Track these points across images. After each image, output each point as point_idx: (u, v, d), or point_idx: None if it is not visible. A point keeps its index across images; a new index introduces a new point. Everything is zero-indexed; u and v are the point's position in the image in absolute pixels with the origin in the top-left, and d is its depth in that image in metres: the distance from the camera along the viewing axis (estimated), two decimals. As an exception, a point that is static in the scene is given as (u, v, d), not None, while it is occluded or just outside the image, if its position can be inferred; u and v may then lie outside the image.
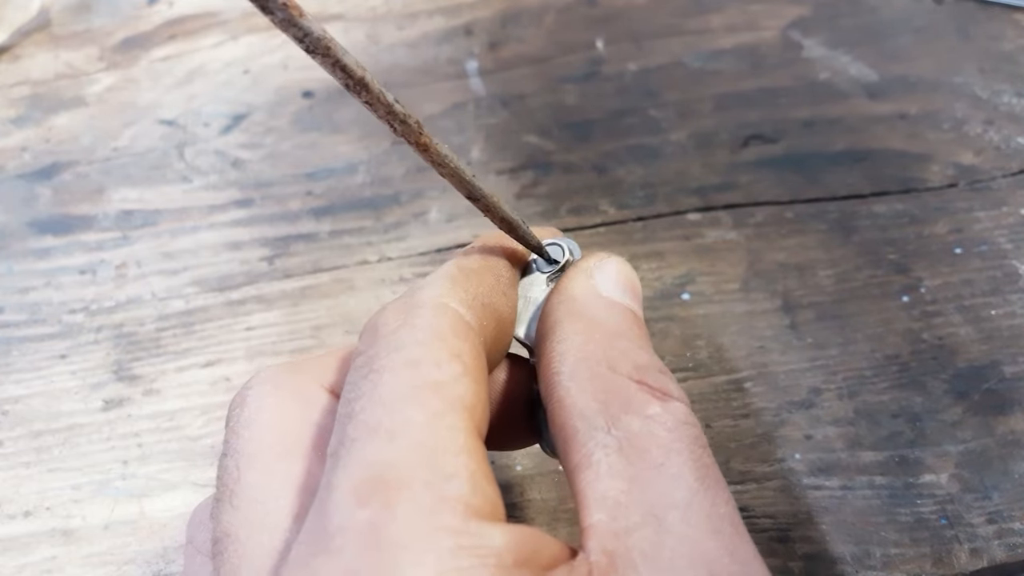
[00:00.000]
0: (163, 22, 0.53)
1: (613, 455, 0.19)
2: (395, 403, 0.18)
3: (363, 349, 0.20)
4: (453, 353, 0.19)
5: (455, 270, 0.22)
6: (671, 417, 0.19)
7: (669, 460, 0.19)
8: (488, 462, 0.18)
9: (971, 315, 0.35)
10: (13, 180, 0.45)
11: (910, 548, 0.29)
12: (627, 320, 0.22)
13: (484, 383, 0.20)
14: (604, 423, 0.19)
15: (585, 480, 0.19)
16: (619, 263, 0.24)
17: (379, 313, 0.21)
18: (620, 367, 0.20)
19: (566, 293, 0.23)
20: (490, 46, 0.50)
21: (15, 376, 0.37)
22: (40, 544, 0.31)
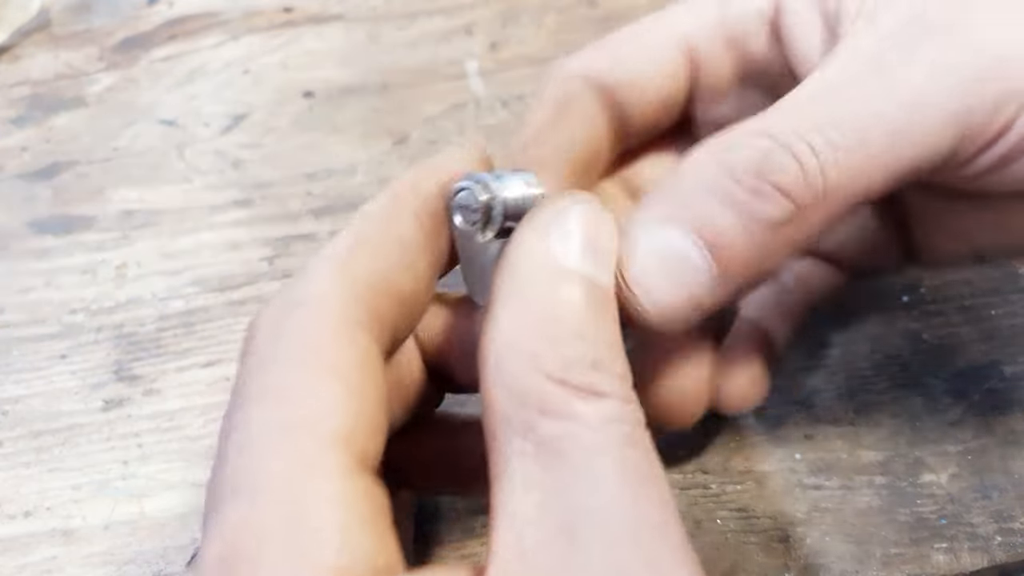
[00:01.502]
0: (163, 22, 0.53)
1: (529, 463, 0.17)
2: (258, 451, 0.17)
3: (240, 360, 0.19)
4: (330, 370, 0.18)
5: (346, 246, 0.20)
6: (596, 416, 0.17)
7: (589, 464, 0.17)
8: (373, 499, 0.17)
9: (971, 315, 0.35)
10: (13, 180, 0.45)
11: (910, 548, 0.29)
12: (573, 297, 0.19)
13: (375, 392, 0.18)
14: (521, 427, 0.17)
15: (499, 496, 0.17)
16: (583, 213, 0.20)
17: (257, 314, 0.19)
18: (545, 362, 0.18)
19: (511, 258, 0.19)
20: (490, 46, 0.50)
21: (15, 376, 0.37)
22: (40, 544, 0.31)
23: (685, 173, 0.21)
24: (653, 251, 0.21)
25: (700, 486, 0.31)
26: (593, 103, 0.27)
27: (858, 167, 0.20)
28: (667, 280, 0.20)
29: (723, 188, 0.20)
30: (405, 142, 0.45)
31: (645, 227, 0.21)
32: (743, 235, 0.20)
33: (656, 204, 0.21)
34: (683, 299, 0.21)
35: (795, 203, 0.20)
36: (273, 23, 0.53)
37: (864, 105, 0.21)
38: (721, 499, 0.31)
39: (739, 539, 0.29)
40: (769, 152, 0.20)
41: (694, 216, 0.20)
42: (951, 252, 0.28)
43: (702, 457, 0.32)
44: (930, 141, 0.21)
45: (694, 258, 0.20)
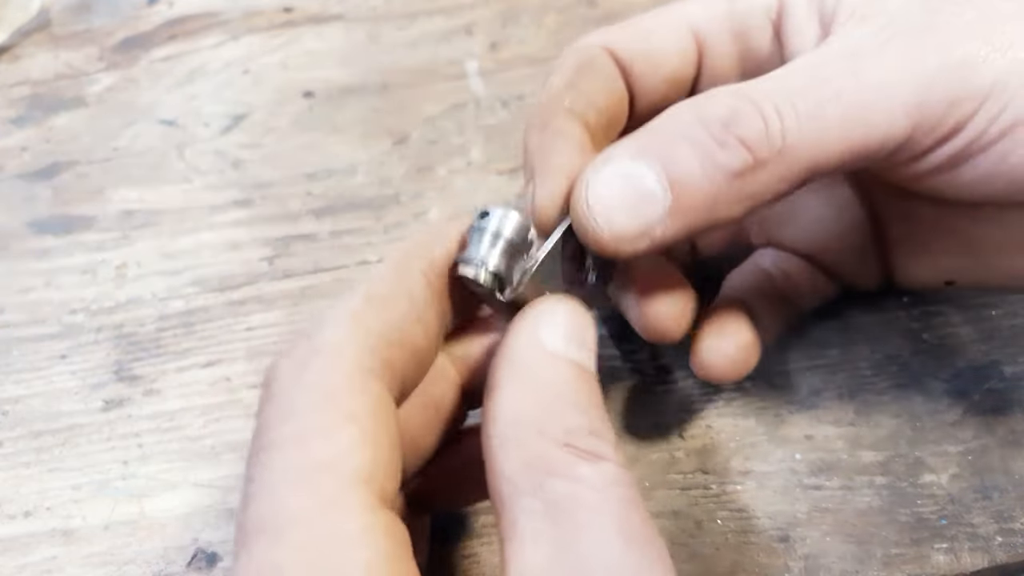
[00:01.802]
0: (163, 22, 0.53)
1: (538, 520, 0.18)
2: (283, 492, 0.18)
3: (259, 407, 0.20)
4: (348, 416, 0.19)
5: (361, 303, 0.21)
6: (599, 478, 0.19)
7: (595, 522, 0.18)
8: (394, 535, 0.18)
9: (971, 315, 0.35)
10: (13, 180, 0.45)
11: (910, 548, 0.29)
12: (567, 377, 0.21)
13: (389, 436, 0.19)
14: (530, 487, 0.19)
15: (510, 551, 0.19)
16: (568, 311, 0.22)
17: (275, 362, 0.20)
18: (549, 430, 0.20)
19: (508, 348, 0.22)
20: (490, 46, 0.50)
21: (15, 376, 0.37)
22: (40, 544, 0.31)
23: (661, 119, 0.24)
24: (617, 177, 0.23)
25: (700, 486, 0.31)
26: (613, 68, 0.29)
27: (815, 136, 0.22)
28: (624, 205, 0.23)
29: (693, 133, 0.23)
30: (405, 142, 0.45)
31: (615, 158, 0.23)
32: (702, 177, 0.22)
33: (629, 141, 0.23)
34: (637, 226, 0.23)
35: (754, 156, 0.22)
36: (273, 23, 0.53)
37: (829, 83, 0.23)
38: (721, 499, 0.31)
39: (739, 539, 0.29)
40: (739, 108, 0.22)
41: (661, 153, 0.23)
42: (924, 275, 0.31)
43: (702, 457, 0.32)
44: (884, 125, 0.23)
45: (653, 189, 0.22)
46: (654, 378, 0.34)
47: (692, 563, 0.29)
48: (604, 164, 0.23)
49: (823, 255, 0.32)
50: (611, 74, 0.29)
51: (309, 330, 0.21)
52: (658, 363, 0.35)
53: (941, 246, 0.29)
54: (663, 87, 0.29)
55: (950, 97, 0.23)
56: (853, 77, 0.23)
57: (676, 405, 0.33)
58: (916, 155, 0.24)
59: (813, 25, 0.27)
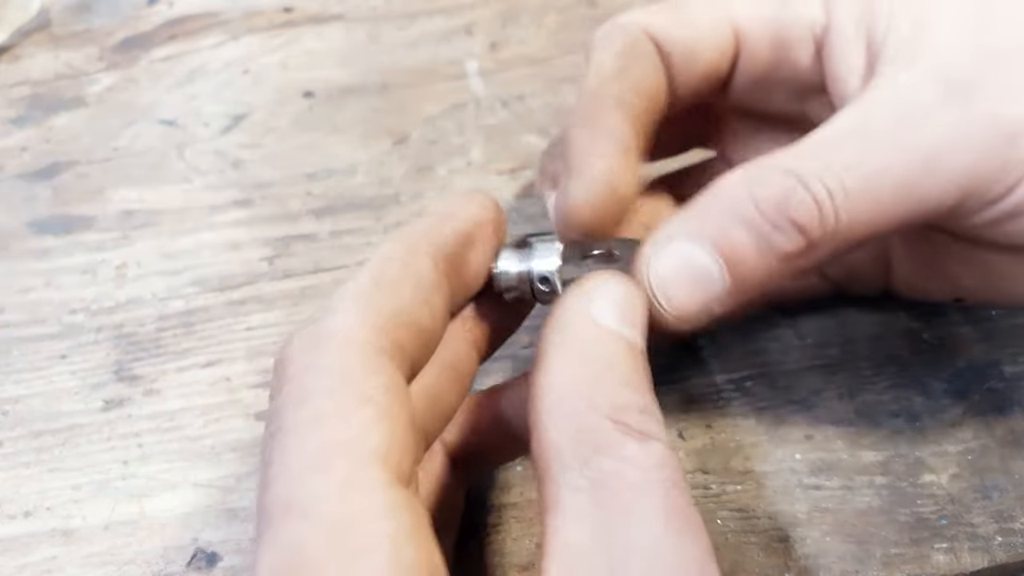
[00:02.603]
0: (163, 22, 0.53)
1: (582, 498, 0.18)
2: (304, 473, 0.18)
3: (273, 392, 0.20)
4: (363, 397, 0.19)
5: (369, 284, 0.21)
6: (646, 458, 0.19)
7: (638, 503, 0.18)
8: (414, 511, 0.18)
9: (971, 315, 0.35)
10: (13, 180, 0.45)
11: (910, 548, 0.29)
12: (618, 352, 0.21)
13: (404, 415, 0.20)
14: (576, 463, 0.19)
15: (552, 526, 0.19)
16: (621, 286, 0.23)
17: (286, 345, 0.20)
18: (600, 405, 0.20)
19: (559, 319, 0.22)
20: (490, 46, 0.50)
21: (15, 376, 0.37)
22: (40, 544, 0.31)
23: (715, 196, 0.24)
24: (677, 259, 0.23)
25: (700, 486, 0.31)
26: (656, 55, 0.28)
27: (868, 213, 0.23)
28: (687, 287, 0.23)
29: (748, 216, 0.23)
30: (405, 142, 0.45)
31: (674, 238, 0.23)
32: (758, 259, 0.23)
33: (687, 219, 0.24)
34: (698, 305, 0.23)
35: (808, 239, 0.23)
36: (273, 23, 0.53)
37: (881, 157, 0.23)
38: (721, 499, 0.31)
39: (739, 539, 0.30)
40: (792, 190, 0.22)
41: (718, 235, 0.23)
42: (933, 290, 0.31)
43: (702, 457, 0.32)
44: (937, 197, 0.23)
45: (712, 272, 0.23)
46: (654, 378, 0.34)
47: (692, 563, 0.29)
48: (665, 243, 0.23)
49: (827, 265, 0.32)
50: (655, 62, 0.28)
51: (318, 315, 0.21)
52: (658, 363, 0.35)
53: (955, 269, 0.29)
54: (697, 81, 0.29)
55: (1000, 166, 0.23)
56: (906, 150, 0.23)
57: (676, 405, 0.33)
58: (962, 215, 0.24)
59: (859, 51, 0.27)
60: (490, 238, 0.25)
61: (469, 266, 0.24)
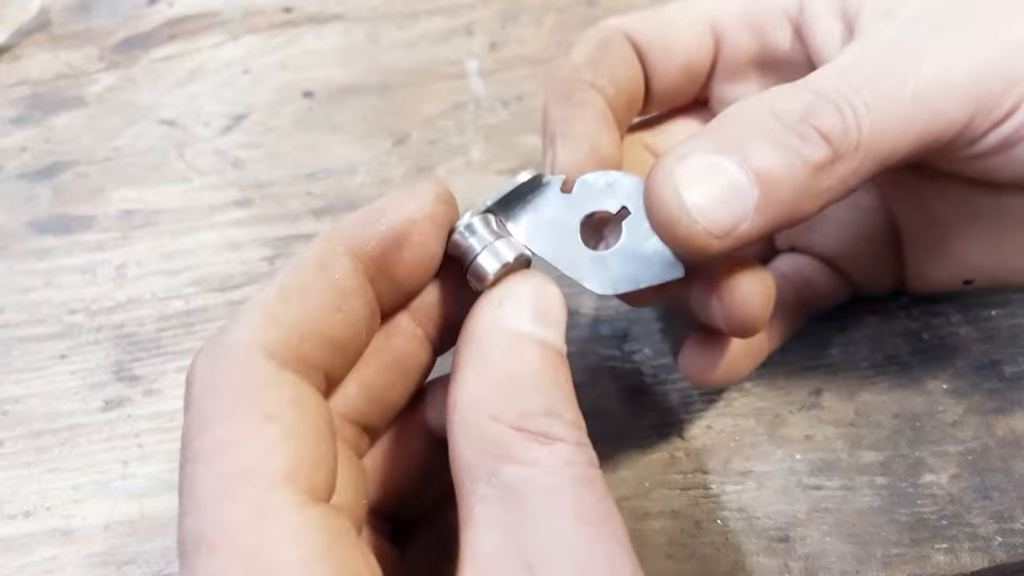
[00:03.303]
0: (163, 22, 0.53)
1: (491, 506, 0.19)
2: (210, 504, 0.18)
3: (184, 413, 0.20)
4: (265, 416, 0.19)
5: (274, 296, 0.21)
6: (552, 460, 0.19)
7: (546, 505, 0.18)
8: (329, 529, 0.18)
9: (971, 315, 0.35)
10: (13, 180, 0.45)
11: (910, 548, 0.29)
12: (527, 357, 0.21)
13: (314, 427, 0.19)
14: (484, 474, 0.19)
15: (465, 537, 0.19)
16: (534, 286, 0.22)
17: (191, 365, 0.20)
18: (504, 414, 0.19)
19: (470, 329, 0.21)
20: (490, 46, 0.50)
21: (15, 376, 0.37)
22: (40, 544, 0.31)
23: (734, 115, 0.23)
24: (707, 169, 0.22)
25: (700, 486, 0.31)
26: (630, 51, 0.29)
27: (887, 128, 0.23)
28: (719, 201, 0.22)
29: (771, 129, 0.22)
30: (405, 142, 0.45)
31: (697, 150, 0.23)
32: (786, 170, 0.22)
33: (707, 136, 0.23)
34: (729, 220, 0.22)
35: (834, 149, 0.22)
36: (273, 23, 0.53)
37: (892, 76, 0.23)
38: (721, 499, 0.31)
39: (739, 539, 0.29)
40: (814, 102, 0.22)
41: (743, 146, 0.22)
42: (943, 275, 0.31)
43: (702, 457, 0.32)
44: (948, 113, 0.23)
45: (741, 183, 0.22)
46: (654, 378, 0.34)
47: (692, 563, 0.29)
48: (687, 156, 0.23)
49: (844, 259, 0.32)
50: (629, 55, 0.29)
51: (224, 326, 0.20)
52: (658, 363, 0.35)
53: (962, 244, 0.29)
54: (677, 75, 0.30)
55: (1006, 79, 0.23)
56: (912, 67, 0.23)
57: (676, 405, 0.33)
58: (973, 139, 0.24)
59: (836, 23, 0.27)
60: (428, 235, 0.23)
61: (401, 266, 0.23)
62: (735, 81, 0.31)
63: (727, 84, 0.31)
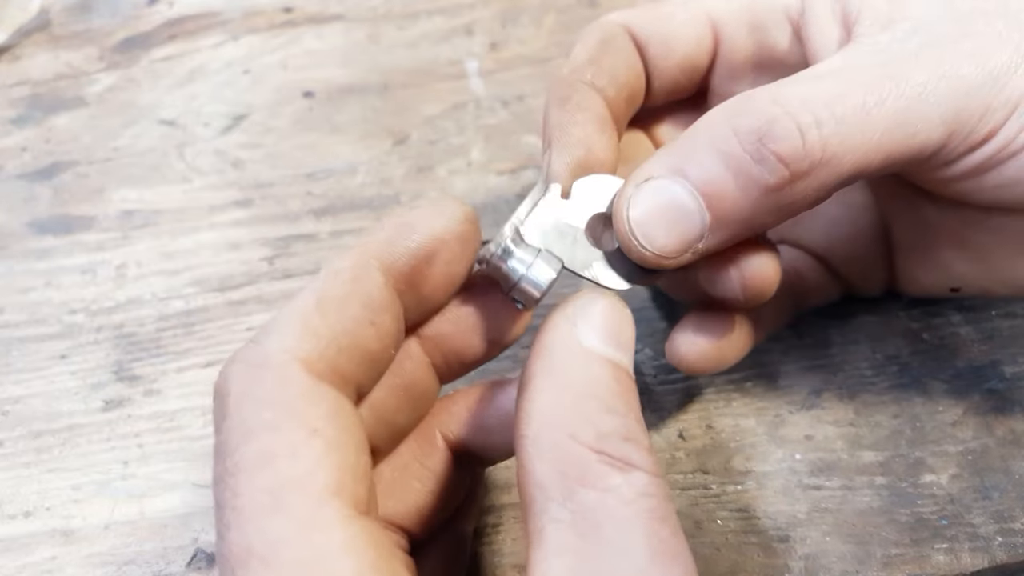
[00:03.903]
0: (163, 22, 0.53)
1: (564, 530, 0.18)
2: (258, 516, 0.17)
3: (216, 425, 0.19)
4: (309, 429, 0.18)
5: (311, 304, 0.21)
6: (629, 489, 0.19)
7: (621, 536, 0.18)
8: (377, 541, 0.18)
9: (971, 315, 0.35)
10: (13, 180, 0.45)
11: (910, 548, 0.29)
12: (603, 377, 0.20)
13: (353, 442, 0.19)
14: (559, 495, 0.19)
15: (535, 558, 0.18)
16: (606, 307, 0.22)
17: (224, 374, 0.20)
18: (582, 435, 0.19)
19: (543, 342, 0.21)
20: (490, 46, 0.50)
21: (15, 376, 0.37)
22: (40, 544, 0.31)
23: (697, 130, 0.24)
24: (655, 196, 0.23)
25: (700, 486, 0.31)
26: (631, 46, 0.29)
27: (857, 144, 0.23)
28: (665, 225, 0.23)
29: (727, 149, 0.23)
30: (405, 142, 0.45)
31: (652, 175, 0.24)
32: (739, 193, 0.23)
33: (666, 156, 0.24)
34: (677, 243, 0.23)
35: (790, 171, 0.22)
36: (273, 23, 0.53)
37: (870, 90, 0.23)
38: (721, 499, 0.31)
39: (739, 539, 0.29)
40: (775, 120, 0.22)
41: (697, 171, 0.23)
42: (930, 281, 0.31)
43: (702, 457, 0.32)
44: (923, 131, 0.23)
45: (690, 208, 0.23)
46: (654, 378, 0.34)
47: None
48: (642, 182, 0.24)
49: (834, 256, 0.33)
50: (630, 52, 0.29)
51: (259, 336, 0.20)
52: (658, 363, 0.35)
53: (950, 253, 0.30)
54: (676, 71, 0.30)
55: (984, 106, 0.23)
56: (892, 83, 0.23)
57: (676, 405, 0.33)
58: (948, 160, 0.24)
59: (835, 27, 0.27)
60: (456, 253, 0.23)
61: (428, 283, 0.23)
62: (733, 78, 0.31)
63: (726, 81, 0.31)
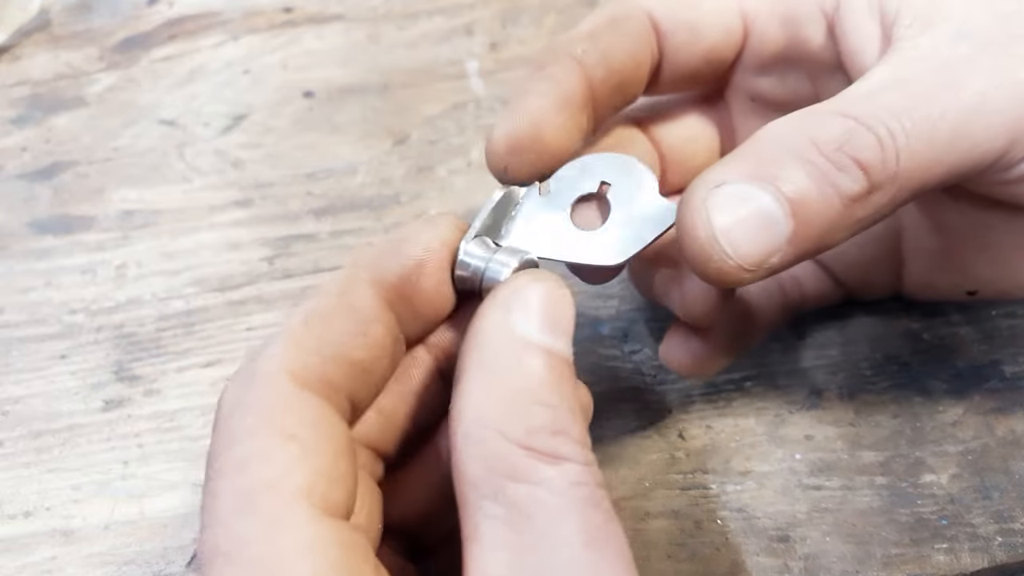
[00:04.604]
0: (163, 22, 0.53)
1: (498, 526, 0.18)
2: (229, 516, 0.18)
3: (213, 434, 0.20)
4: (285, 434, 0.19)
5: (299, 323, 0.21)
6: (560, 480, 0.19)
7: (554, 526, 0.18)
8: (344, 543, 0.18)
9: (971, 315, 0.35)
10: (13, 180, 0.45)
11: (910, 548, 0.29)
12: (535, 368, 0.20)
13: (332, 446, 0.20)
14: (491, 492, 0.19)
15: (470, 555, 0.19)
16: (543, 291, 0.21)
17: (224, 388, 0.21)
18: (511, 431, 0.19)
19: (477, 334, 0.21)
20: (490, 46, 0.50)
21: (15, 376, 0.37)
22: (40, 544, 0.31)
23: (767, 139, 0.23)
24: (739, 201, 0.22)
25: (700, 486, 0.31)
26: (645, 33, 0.28)
27: (925, 157, 0.22)
28: (752, 234, 0.22)
29: (808, 156, 0.22)
30: (405, 142, 0.45)
31: (729, 179, 0.22)
32: (821, 202, 0.22)
33: (740, 162, 0.22)
34: (761, 254, 0.22)
35: (870, 179, 0.22)
36: (273, 23, 0.53)
37: (933, 102, 0.22)
38: (721, 499, 0.31)
39: (739, 539, 0.30)
40: (853, 130, 0.22)
41: (778, 176, 0.22)
42: (946, 284, 0.31)
43: (702, 457, 0.32)
44: (987, 142, 0.23)
45: (776, 216, 0.22)
46: (654, 378, 0.34)
47: (692, 563, 0.29)
48: (721, 184, 0.22)
49: (838, 263, 0.32)
50: (640, 38, 0.28)
51: (252, 355, 0.21)
52: (658, 363, 0.35)
53: (971, 256, 0.29)
54: (699, 61, 0.29)
55: None
56: (951, 93, 0.22)
57: (676, 405, 0.33)
58: (1007, 166, 0.24)
59: (873, 24, 0.26)
60: (445, 262, 0.23)
61: (420, 295, 0.23)
62: (760, 73, 0.30)
63: (751, 75, 0.30)
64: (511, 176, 0.26)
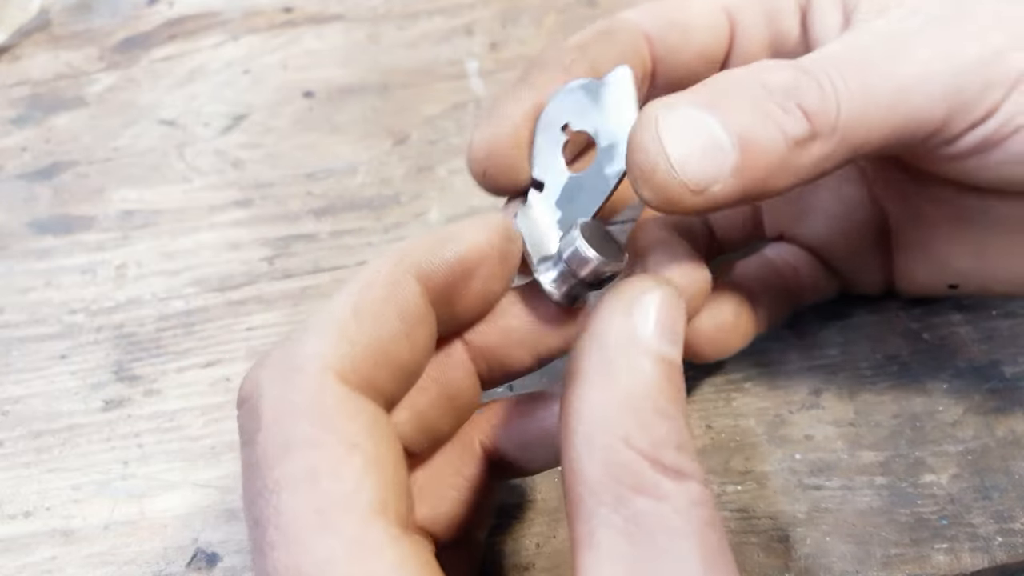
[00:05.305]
0: (163, 22, 0.53)
1: (617, 536, 0.18)
2: (306, 536, 0.17)
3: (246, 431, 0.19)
4: (349, 445, 0.18)
5: (347, 312, 0.20)
6: (683, 498, 0.18)
7: (675, 545, 0.18)
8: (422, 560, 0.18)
9: (971, 315, 0.35)
10: (13, 180, 0.45)
11: (910, 548, 0.29)
12: (657, 378, 0.20)
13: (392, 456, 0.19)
14: (611, 500, 0.18)
15: (585, 561, 0.18)
16: (663, 299, 0.20)
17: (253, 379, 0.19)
18: (636, 440, 0.19)
19: (597, 334, 0.20)
20: (490, 46, 0.50)
21: (15, 376, 0.37)
22: (40, 544, 0.31)
23: (722, 78, 0.24)
24: (690, 121, 0.22)
25: (700, 486, 0.31)
26: (636, 43, 0.29)
27: (864, 116, 0.23)
28: (699, 154, 0.22)
29: (757, 97, 0.23)
30: (405, 142, 0.45)
31: (681, 103, 0.23)
32: (766, 140, 0.22)
33: (692, 94, 0.23)
34: (705, 176, 0.22)
35: (813, 127, 0.22)
36: (273, 23, 0.53)
37: (875, 67, 0.23)
38: (721, 499, 0.31)
39: (739, 539, 0.30)
40: (799, 78, 0.23)
41: (728, 108, 0.22)
42: (928, 278, 0.31)
43: (702, 457, 0.32)
44: (926, 108, 0.23)
45: (722, 142, 0.22)
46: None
47: (692, 563, 0.29)
48: (673, 106, 0.22)
49: (831, 253, 0.33)
50: (629, 47, 0.28)
51: (292, 337, 0.20)
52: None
53: (947, 247, 0.30)
54: (692, 62, 0.30)
55: (984, 83, 0.23)
56: (895, 60, 0.23)
57: (676, 405, 0.33)
58: (949, 139, 0.24)
59: (836, 13, 0.28)
60: (495, 270, 0.23)
61: (464, 299, 0.23)
62: None
63: None
64: (489, 181, 0.26)
